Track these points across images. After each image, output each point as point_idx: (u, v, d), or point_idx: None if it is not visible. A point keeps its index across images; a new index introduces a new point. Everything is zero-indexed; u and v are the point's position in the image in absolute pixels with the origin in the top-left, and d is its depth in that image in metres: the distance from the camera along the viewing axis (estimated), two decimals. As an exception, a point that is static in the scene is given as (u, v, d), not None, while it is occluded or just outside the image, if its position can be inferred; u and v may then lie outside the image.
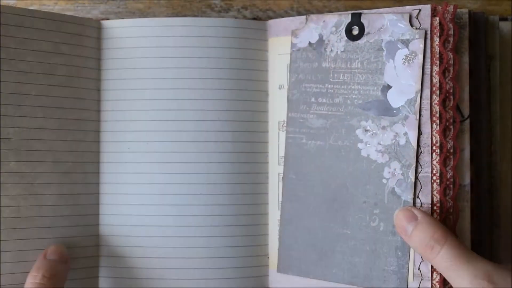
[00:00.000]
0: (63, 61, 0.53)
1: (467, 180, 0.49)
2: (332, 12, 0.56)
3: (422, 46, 0.49)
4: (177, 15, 0.59)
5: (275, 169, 0.55)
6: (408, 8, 0.50)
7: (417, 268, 0.49)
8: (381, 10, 0.51)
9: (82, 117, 0.54)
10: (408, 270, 0.49)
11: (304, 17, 0.53)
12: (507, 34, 0.51)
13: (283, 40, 0.54)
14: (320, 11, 0.57)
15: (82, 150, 0.54)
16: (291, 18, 0.54)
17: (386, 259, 0.50)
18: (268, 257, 0.55)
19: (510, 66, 0.51)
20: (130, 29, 0.54)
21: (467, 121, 0.49)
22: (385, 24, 0.50)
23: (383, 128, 0.50)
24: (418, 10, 0.49)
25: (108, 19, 0.59)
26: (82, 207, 0.54)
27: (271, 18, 0.58)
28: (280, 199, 0.54)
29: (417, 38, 0.49)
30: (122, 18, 0.59)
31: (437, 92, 0.49)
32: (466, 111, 0.49)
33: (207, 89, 0.54)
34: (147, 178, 0.54)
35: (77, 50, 0.54)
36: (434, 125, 0.49)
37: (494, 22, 0.50)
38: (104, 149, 0.55)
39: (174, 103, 0.54)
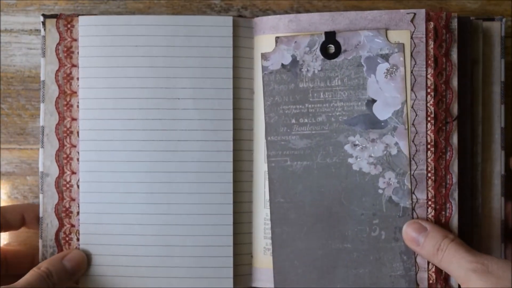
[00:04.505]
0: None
1: (455, 179, 0.52)
2: (332, 12, 0.55)
3: (402, 59, 0.51)
4: (177, 15, 0.57)
5: (261, 167, 0.54)
6: (402, 11, 0.51)
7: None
8: (356, 27, 0.52)
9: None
10: (416, 272, 0.52)
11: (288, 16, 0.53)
12: (493, 35, 0.53)
13: (270, 38, 0.53)
14: (320, 11, 0.56)
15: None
16: (278, 16, 0.53)
17: (392, 265, 0.52)
18: (251, 256, 0.54)
19: (494, 68, 0.53)
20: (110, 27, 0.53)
21: (455, 122, 0.52)
22: (362, 40, 0.52)
23: (373, 141, 0.52)
24: (413, 14, 0.51)
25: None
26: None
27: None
28: (267, 197, 0.53)
29: (396, 52, 0.51)
30: None
31: (432, 93, 0.51)
32: (454, 111, 0.52)
33: (193, 88, 0.53)
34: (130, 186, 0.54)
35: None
36: (429, 125, 0.51)
37: (478, 26, 0.53)
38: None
39: (162, 102, 0.53)
